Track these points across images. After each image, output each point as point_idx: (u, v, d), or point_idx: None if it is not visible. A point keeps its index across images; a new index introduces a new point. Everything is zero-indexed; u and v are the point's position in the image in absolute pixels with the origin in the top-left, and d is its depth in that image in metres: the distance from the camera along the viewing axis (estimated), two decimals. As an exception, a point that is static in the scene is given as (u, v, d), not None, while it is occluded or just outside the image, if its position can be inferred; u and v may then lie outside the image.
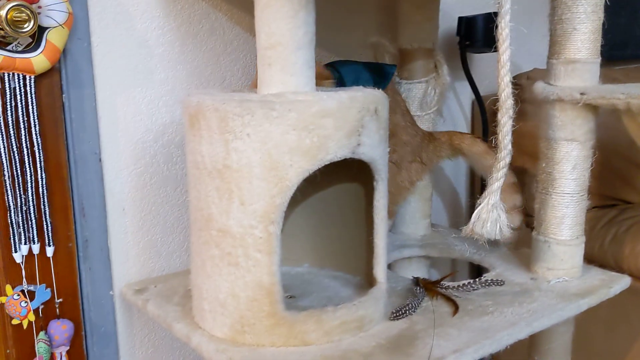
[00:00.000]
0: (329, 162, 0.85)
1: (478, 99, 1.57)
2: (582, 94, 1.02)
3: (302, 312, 0.88)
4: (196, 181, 0.90)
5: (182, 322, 0.96)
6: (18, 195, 0.98)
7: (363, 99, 0.86)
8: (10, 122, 0.96)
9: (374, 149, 0.89)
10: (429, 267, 1.43)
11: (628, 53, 2.02)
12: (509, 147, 0.97)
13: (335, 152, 0.84)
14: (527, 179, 1.50)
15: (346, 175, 1.05)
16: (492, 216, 0.97)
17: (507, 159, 0.97)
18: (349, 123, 0.85)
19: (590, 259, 1.28)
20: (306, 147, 0.82)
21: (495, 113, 0.97)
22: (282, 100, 0.82)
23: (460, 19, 1.50)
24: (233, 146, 0.83)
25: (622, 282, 1.13)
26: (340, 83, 1.09)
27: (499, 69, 0.95)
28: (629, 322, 1.34)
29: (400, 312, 0.95)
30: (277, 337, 0.87)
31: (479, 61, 1.63)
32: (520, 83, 1.56)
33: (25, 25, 0.92)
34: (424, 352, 0.85)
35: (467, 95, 1.69)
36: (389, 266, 1.29)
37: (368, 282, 1.00)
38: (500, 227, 0.98)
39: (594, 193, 1.51)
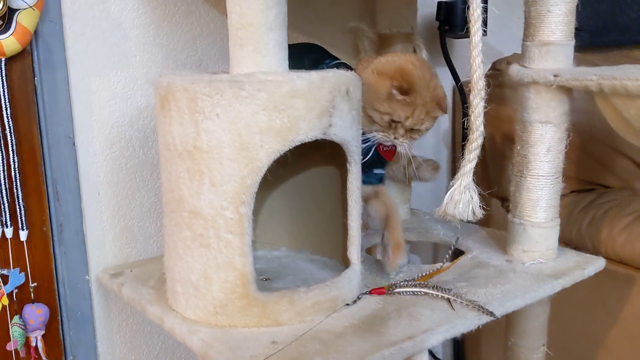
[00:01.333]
0: (300, 143, 0.84)
1: (458, 84, 1.57)
2: (555, 75, 1.02)
3: (275, 293, 0.88)
4: (167, 163, 0.89)
5: (156, 305, 0.96)
6: (-10, 178, 0.98)
7: (334, 80, 0.86)
8: (-20, 104, 0.95)
9: (345, 130, 0.89)
10: (409, 252, 1.43)
11: (610, 39, 2.02)
12: (481, 128, 0.97)
13: (307, 132, 0.84)
14: (506, 163, 1.51)
15: (321, 159, 1.05)
16: (465, 197, 0.98)
17: (479, 141, 0.97)
18: (320, 104, 0.85)
19: (568, 243, 1.29)
20: (277, 128, 0.82)
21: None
22: (251, 80, 0.82)
23: (440, 3, 1.50)
24: (203, 127, 0.83)
25: (597, 264, 1.13)
26: None
27: (471, 50, 0.95)
28: (606, 305, 1.35)
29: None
30: (249, 317, 0.87)
31: (459, 47, 1.63)
32: (500, 68, 1.56)
33: (-6, 7, 0.92)
34: (395, 331, 0.85)
35: (447, 81, 1.68)
36: (369, 250, 1.29)
37: (345, 264, 1.01)
38: (472, 208, 0.98)
39: (572, 177, 1.52)
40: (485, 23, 0.97)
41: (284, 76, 0.83)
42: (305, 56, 1.12)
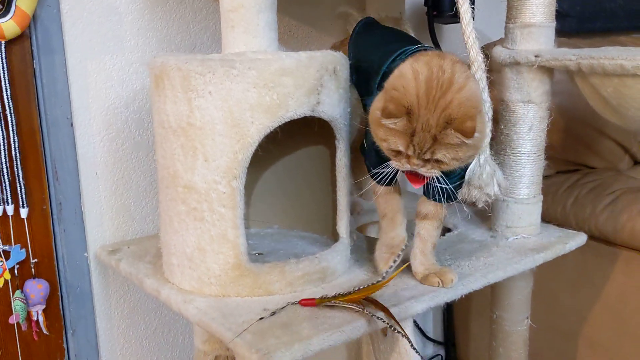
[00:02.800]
0: (289, 120, 0.88)
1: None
2: (536, 56, 1.06)
3: (266, 264, 0.92)
4: (162, 140, 0.93)
5: (153, 278, 1.00)
6: (-9, 158, 1.01)
7: (322, 59, 0.90)
8: (-19, 86, 0.99)
9: (333, 108, 0.93)
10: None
11: (597, 26, 2.05)
12: (489, 100, 0.99)
13: (295, 109, 0.88)
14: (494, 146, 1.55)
15: (311, 139, 1.08)
16: (487, 170, 0.98)
17: (490, 113, 1.00)
18: (308, 82, 0.88)
19: (553, 221, 1.33)
20: (267, 105, 0.86)
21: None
22: (242, 59, 0.85)
23: (428, -11, 1.53)
24: (196, 104, 0.86)
25: (578, 239, 1.18)
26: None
27: (464, 28, 0.98)
28: (590, 280, 1.40)
29: None
30: (242, 287, 0.91)
31: (448, 32, 1.67)
32: (487, 52, 1.59)
33: (-6, -9, 0.95)
34: (381, 299, 0.89)
35: (437, 66, 1.72)
36: (360, 229, 1.32)
37: (335, 240, 1.04)
38: (497, 180, 0.98)
39: (557, 159, 1.56)
40: (472, 1, 1.00)
41: (273, 55, 0.87)
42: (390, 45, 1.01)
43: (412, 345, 0.87)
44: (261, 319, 0.83)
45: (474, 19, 1.42)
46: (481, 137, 0.86)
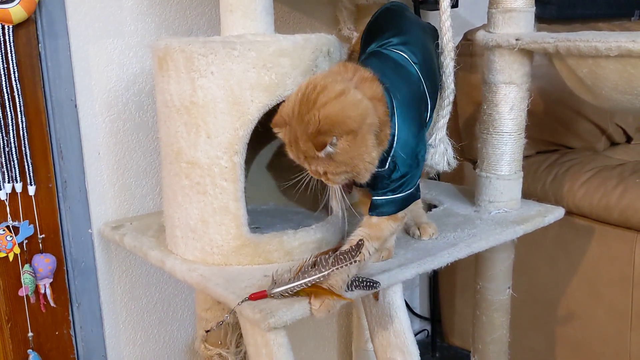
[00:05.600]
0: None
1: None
2: (517, 39, 1.13)
3: (265, 234, 0.98)
4: (166, 119, 0.98)
5: (157, 250, 1.05)
6: (1, 137, 1.06)
7: (316, 41, 0.96)
8: (-10, 68, 1.04)
9: (327, 88, 0.98)
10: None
11: (577, 13, 2.12)
12: (452, 86, 1.06)
13: (292, 88, 0.93)
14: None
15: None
16: (440, 150, 1.06)
17: (451, 98, 1.07)
18: (304, 62, 0.94)
19: (533, 198, 1.39)
20: (265, 84, 0.92)
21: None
22: (242, 41, 0.91)
23: (415, -24, 1.59)
24: (199, 84, 0.92)
25: (557, 213, 1.25)
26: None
27: (441, 15, 1.04)
28: (568, 254, 1.48)
29: None
30: (243, 256, 0.97)
31: (434, 19, 1.73)
32: (471, 38, 1.65)
33: (2, -23, 0.99)
34: (373, 266, 0.96)
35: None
36: (354, 205, 1.38)
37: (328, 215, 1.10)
38: (447, 159, 1.07)
39: (537, 139, 1.64)
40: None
41: (272, 37, 0.93)
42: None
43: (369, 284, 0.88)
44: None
45: (457, 6, 1.49)
46: (355, 155, 0.83)
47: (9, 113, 1.06)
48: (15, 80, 1.06)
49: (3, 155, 1.07)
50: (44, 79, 1.12)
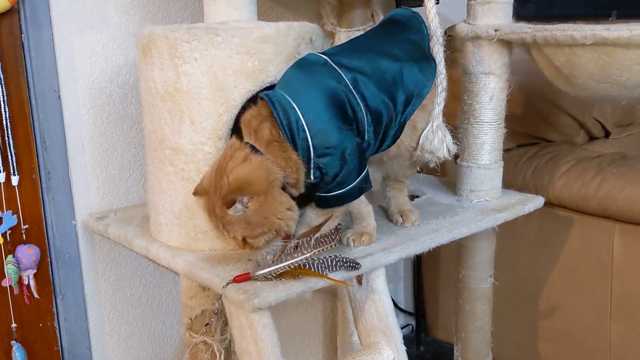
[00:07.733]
0: (269, 85, 0.95)
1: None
2: (496, 30, 1.15)
3: (250, 220, 0.99)
4: (149, 106, 0.99)
5: (141, 238, 1.06)
6: (-17, 127, 1.06)
7: (299, 29, 0.97)
8: (-27, 57, 1.04)
9: (310, 75, 1.00)
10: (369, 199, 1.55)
11: (556, 12, 2.16)
12: (444, 71, 1.07)
13: (275, 75, 0.95)
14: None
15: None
16: (438, 136, 1.07)
17: (444, 84, 1.07)
18: (287, 49, 0.95)
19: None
20: (249, 70, 0.93)
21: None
22: (225, 27, 0.92)
23: (397, -28, 1.61)
24: (182, 70, 0.93)
25: (536, 202, 1.27)
26: None
27: (426, 3, 1.06)
28: (548, 243, 1.50)
29: None
30: (228, 242, 0.98)
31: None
32: (452, 34, 1.68)
33: (-15, -34, 1.00)
34: (357, 249, 0.97)
35: (405, 48, 1.80)
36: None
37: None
38: (446, 145, 1.08)
39: (518, 132, 1.66)
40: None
41: (255, 24, 0.94)
42: None
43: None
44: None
45: (438, 2, 1.51)
46: (268, 213, 0.86)
47: (-8, 103, 1.06)
48: (-2, 70, 1.06)
49: (-14, 145, 1.07)
50: (27, 70, 1.12)
